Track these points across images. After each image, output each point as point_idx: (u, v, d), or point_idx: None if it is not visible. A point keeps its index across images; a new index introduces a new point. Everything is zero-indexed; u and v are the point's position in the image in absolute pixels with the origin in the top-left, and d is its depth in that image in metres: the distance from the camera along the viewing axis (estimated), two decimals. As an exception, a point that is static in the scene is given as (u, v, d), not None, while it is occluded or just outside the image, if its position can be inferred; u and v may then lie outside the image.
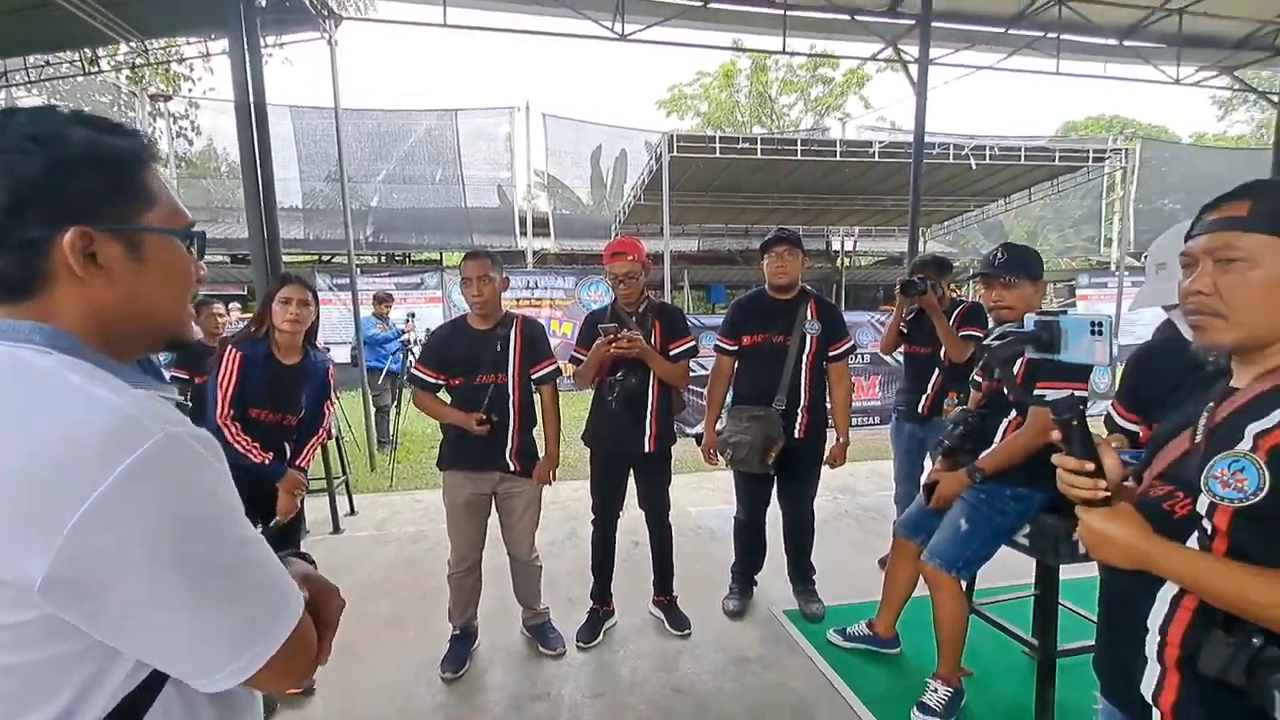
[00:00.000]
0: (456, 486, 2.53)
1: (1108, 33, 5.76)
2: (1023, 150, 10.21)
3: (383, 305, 6.71)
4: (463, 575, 2.57)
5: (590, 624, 2.80)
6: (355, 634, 2.82)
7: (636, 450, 2.70)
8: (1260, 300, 0.90)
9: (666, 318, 2.75)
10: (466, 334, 2.54)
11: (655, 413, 2.69)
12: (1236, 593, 0.85)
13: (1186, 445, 0.99)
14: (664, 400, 2.72)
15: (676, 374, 2.70)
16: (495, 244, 13.33)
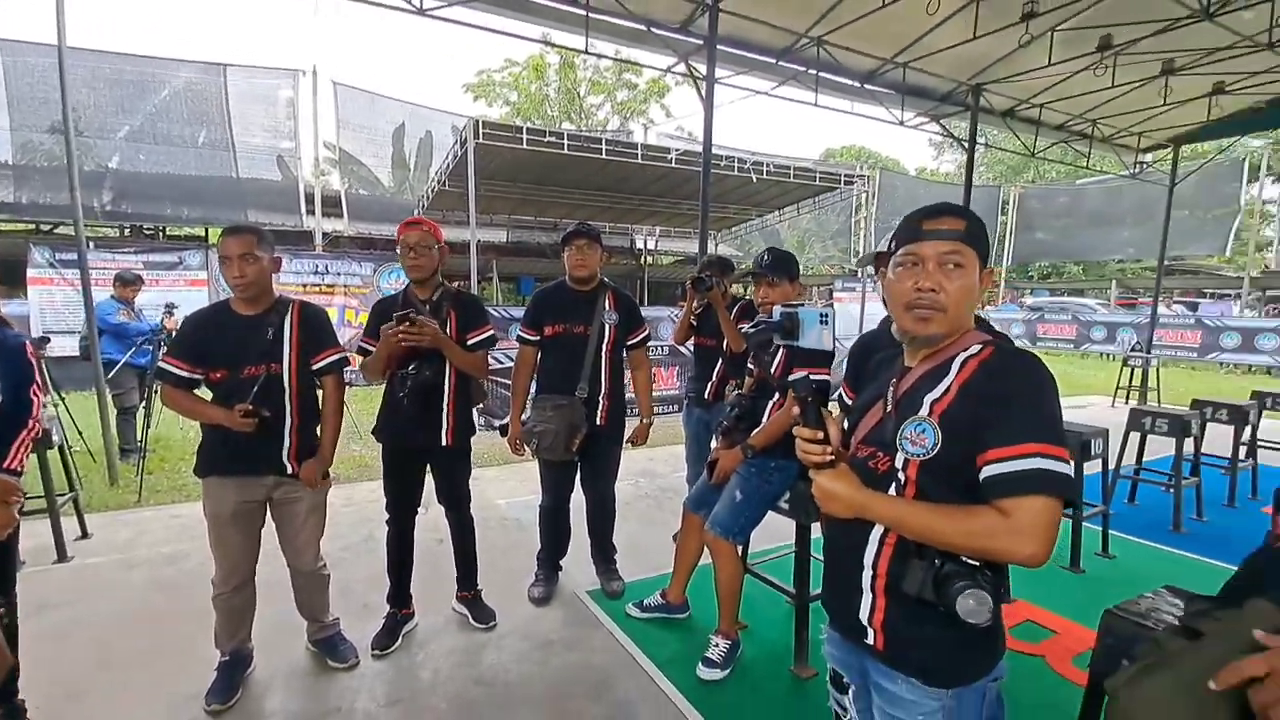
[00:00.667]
0: (219, 495, 2.23)
1: (853, 75, 6.83)
2: (792, 169, 11.66)
3: (128, 288, 5.44)
4: (230, 595, 2.28)
5: (387, 629, 2.67)
6: (94, 680, 2.37)
7: (432, 444, 2.61)
8: (965, 300, 1.15)
9: (463, 306, 2.66)
10: (230, 320, 2.23)
11: (452, 405, 2.62)
12: (925, 527, 1.09)
13: (880, 414, 1.26)
14: (462, 392, 2.66)
15: (474, 364, 2.63)
16: (277, 222, 11.80)
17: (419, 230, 2.54)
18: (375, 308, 2.67)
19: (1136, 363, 9.01)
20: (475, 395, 2.79)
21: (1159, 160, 9.83)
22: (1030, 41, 5.82)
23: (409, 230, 2.55)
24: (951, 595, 1.06)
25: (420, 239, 2.52)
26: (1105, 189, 18.94)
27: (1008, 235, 22.80)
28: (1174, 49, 6.28)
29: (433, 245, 2.55)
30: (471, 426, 2.75)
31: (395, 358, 2.51)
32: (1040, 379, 1.08)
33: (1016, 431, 1.04)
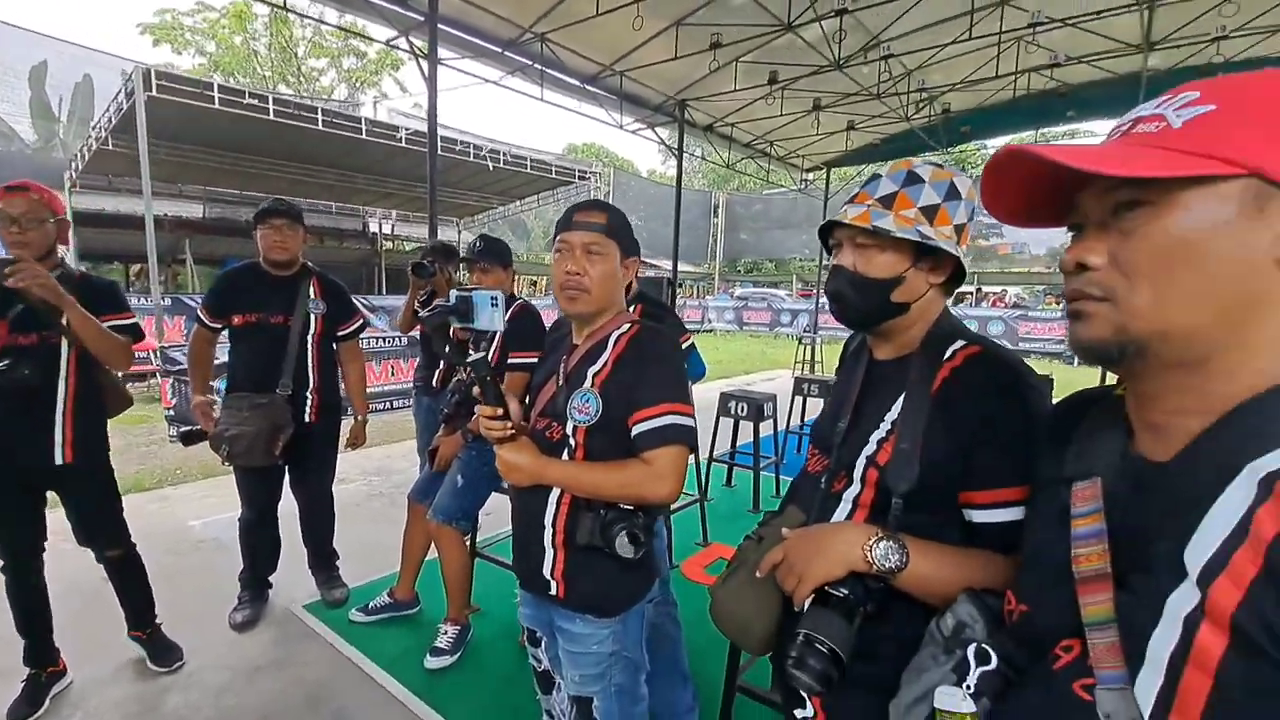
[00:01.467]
0: None
1: (578, 76, 7.24)
2: (529, 160, 11.89)
3: None
4: None
5: (27, 696, 2.15)
6: None
7: (41, 464, 2.08)
8: (607, 284, 1.36)
9: (91, 292, 2.11)
10: None
11: (70, 412, 2.10)
12: (592, 484, 1.29)
13: (554, 388, 1.43)
14: (85, 395, 2.14)
15: (115, 349, 2.12)
16: None
17: (24, 198, 1.98)
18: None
19: (807, 340, 11.18)
20: (113, 402, 2.30)
21: (817, 179, 12.25)
22: (719, 68, 6.80)
23: (9, 198, 1.97)
24: (612, 537, 1.27)
25: (27, 209, 1.97)
26: (786, 199, 22.97)
27: (719, 235, 26.33)
28: (820, 90, 7.89)
29: (46, 218, 2.02)
30: (104, 442, 2.25)
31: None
32: (670, 351, 1.36)
33: (655, 395, 1.29)
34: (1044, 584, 0.66)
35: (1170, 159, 0.52)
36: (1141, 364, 0.56)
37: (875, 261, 1.03)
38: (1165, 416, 0.59)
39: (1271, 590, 0.46)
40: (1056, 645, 0.62)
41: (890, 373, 1.09)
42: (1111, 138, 0.60)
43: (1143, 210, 0.54)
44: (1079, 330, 0.59)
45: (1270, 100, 0.52)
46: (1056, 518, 0.67)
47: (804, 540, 1.00)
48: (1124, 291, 0.56)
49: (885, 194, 1.04)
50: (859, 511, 1.04)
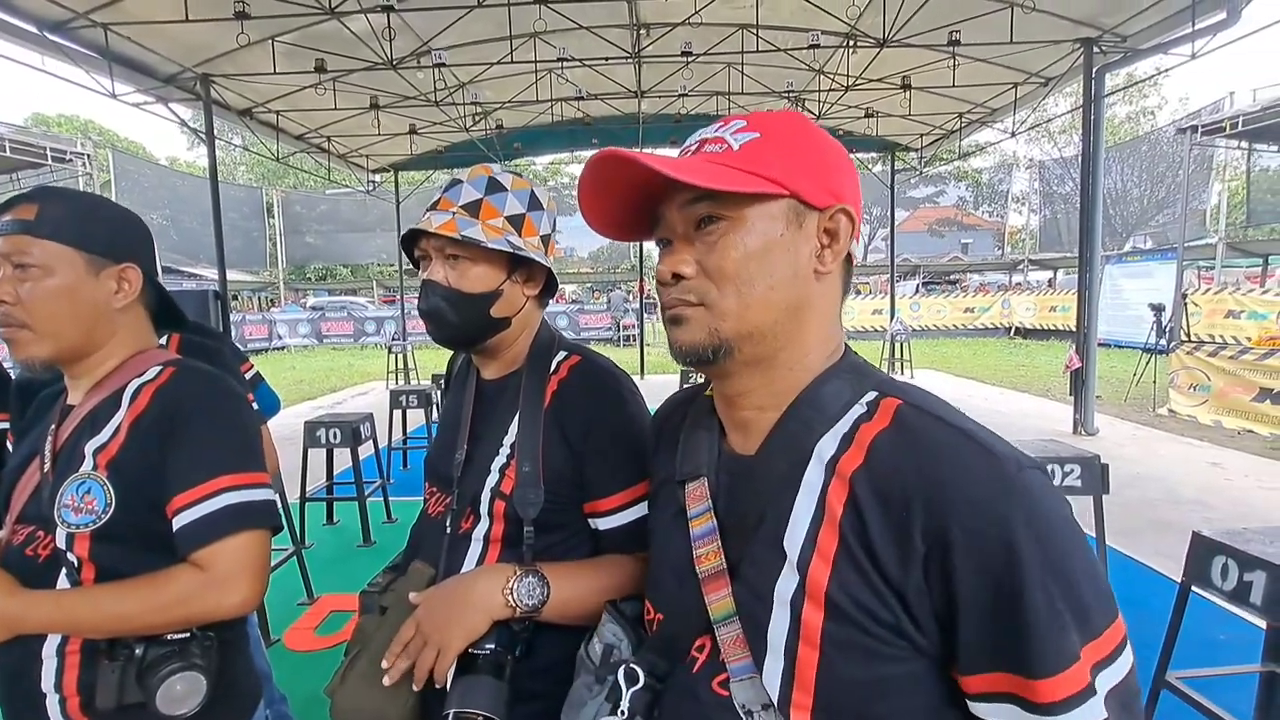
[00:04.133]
0: None
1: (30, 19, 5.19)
2: (-54, 128, 8.10)
3: None
4: None
5: None
6: None
7: None
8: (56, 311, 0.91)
9: None
10: None
11: None
12: (104, 616, 0.86)
13: (37, 477, 0.95)
14: None
15: None
16: None
17: None
18: None
19: (398, 349, 10.71)
20: None
21: (386, 180, 11.75)
22: (251, 44, 5.80)
23: None
24: (152, 688, 0.87)
25: None
26: (355, 200, 21.45)
27: (280, 239, 22.95)
28: (377, 89, 7.51)
29: None
30: None
31: None
32: (220, 396, 1.00)
33: (200, 467, 0.93)
34: (673, 587, 0.69)
35: (736, 176, 0.60)
36: (730, 363, 0.63)
37: (470, 275, 0.97)
38: (748, 413, 0.66)
39: (848, 560, 0.56)
40: (691, 647, 0.65)
41: (500, 392, 1.05)
42: (682, 156, 0.66)
43: (721, 224, 0.61)
44: (679, 334, 0.64)
45: (793, 136, 0.64)
46: (673, 519, 0.72)
47: (435, 604, 0.88)
48: (714, 297, 0.61)
49: (469, 201, 0.99)
50: (491, 548, 0.97)
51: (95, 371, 0.98)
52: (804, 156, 0.62)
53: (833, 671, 0.55)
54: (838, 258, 0.64)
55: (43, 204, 0.92)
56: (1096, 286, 6.79)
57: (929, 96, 8.18)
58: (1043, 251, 22.46)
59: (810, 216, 0.62)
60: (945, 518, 0.52)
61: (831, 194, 0.62)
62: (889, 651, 0.54)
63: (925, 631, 0.53)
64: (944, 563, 0.52)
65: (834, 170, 0.64)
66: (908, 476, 0.54)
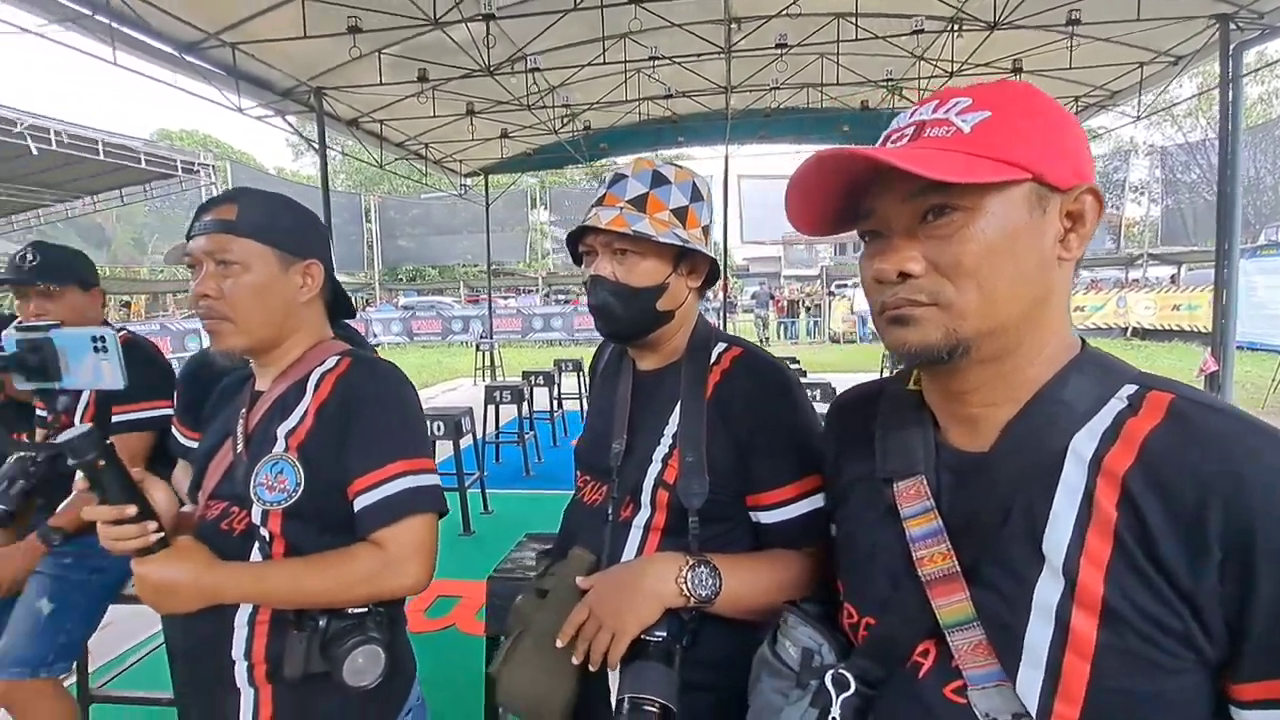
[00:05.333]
0: None
1: (170, 42, 5.71)
2: (101, 144, 9.05)
3: None
4: None
5: None
6: None
7: None
8: (255, 304, 0.97)
9: None
10: None
11: None
12: (297, 589, 0.90)
13: (230, 457, 1.01)
14: None
15: None
16: None
17: None
18: None
19: (485, 347, 11.08)
20: None
21: (476, 184, 12.19)
22: (361, 57, 6.13)
23: None
24: (339, 657, 0.91)
25: None
26: (445, 203, 22.44)
27: (375, 241, 24.31)
28: (473, 95, 7.79)
29: None
30: None
31: None
32: (395, 389, 1.03)
33: (379, 452, 0.97)
34: (886, 591, 0.65)
35: (976, 164, 0.54)
36: (964, 361, 0.59)
37: (638, 269, 0.97)
38: (978, 409, 0.62)
39: (1127, 565, 0.51)
40: (913, 652, 0.62)
41: (658, 383, 1.04)
42: (898, 143, 0.61)
43: (955, 216, 0.56)
44: (906, 335, 0.59)
45: (1028, 111, 0.57)
46: (882, 520, 0.67)
47: (607, 589, 0.89)
48: (951, 295, 0.57)
49: (635, 195, 0.98)
50: (652, 536, 0.97)
51: (282, 361, 1.04)
52: (1044, 134, 0.56)
53: (1106, 683, 0.51)
54: (1084, 242, 0.58)
55: (241, 204, 0.97)
56: (1235, 282, 6.11)
57: (1041, 80, 7.61)
58: (1164, 245, 20.55)
59: (1053, 199, 0.56)
60: (1248, 517, 0.47)
61: (1075, 173, 0.57)
62: (1173, 663, 0.50)
63: (1215, 640, 0.50)
64: (1245, 565, 0.47)
65: (1075, 146, 0.57)
66: (1200, 475, 0.49)
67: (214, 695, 0.96)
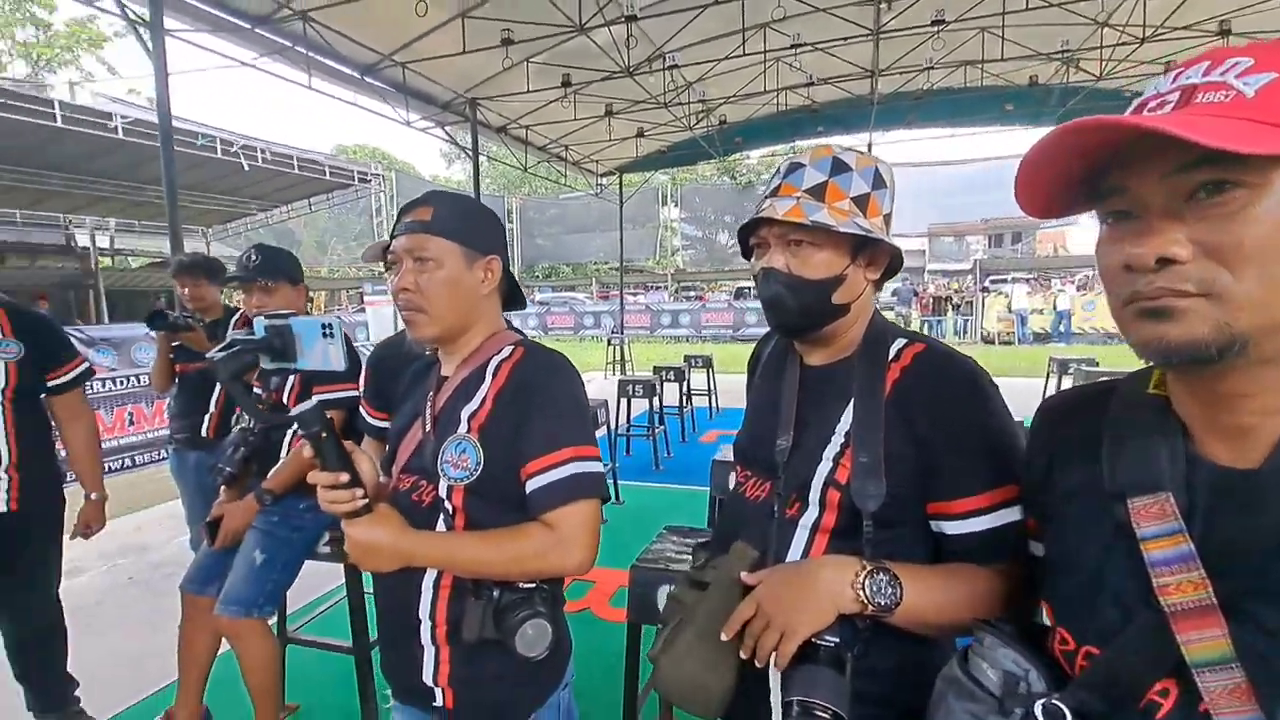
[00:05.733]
0: None
1: (352, 65, 6.44)
2: (295, 159, 10.41)
3: None
4: None
5: None
6: None
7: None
8: (446, 297, 1.05)
9: None
10: None
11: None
12: (475, 559, 0.98)
13: (420, 435, 1.11)
14: None
15: None
16: None
17: None
18: None
19: (615, 341, 11.39)
20: None
21: (611, 183, 12.54)
22: (512, 66, 6.53)
23: None
24: (511, 627, 0.98)
25: None
26: (580, 203, 23.34)
27: (514, 241, 25.92)
28: (612, 96, 8.01)
29: None
30: None
31: None
32: (566, 379, 1.09)
33: (551, 437, 1.02)
34: (1114, 620, 0.58)
35: (1263, 132, 0.45)
36: (1238, 360, 0.49)
37: (813, 261, 0.92)
38: (1249, 418, 0.53)
39: None
40: (1149, 690, 0.54)
41: (829, 379, 0.99)
42: (1158, 110, 0.52)
43: (1237, 194, 0.47)
44: (1166, 330, 0.51)
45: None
46: (1109, 540, 0.59)
47: (778, 587, 0.86)
48: (1226, 284, 0.48)
49: (813, 184, 0.93)
50: (819, 537, 0.93)
51: (464, 349, 1.12)
52: None
53: None
54: None
55: (435, 206, 1.06)
56: None
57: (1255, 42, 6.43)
58: None
59: None
60: None
61: None
62: None
63: None
64: None
65: None
66: None
67: (405, 649, 1.07)
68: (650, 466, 5.68)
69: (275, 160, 10.01)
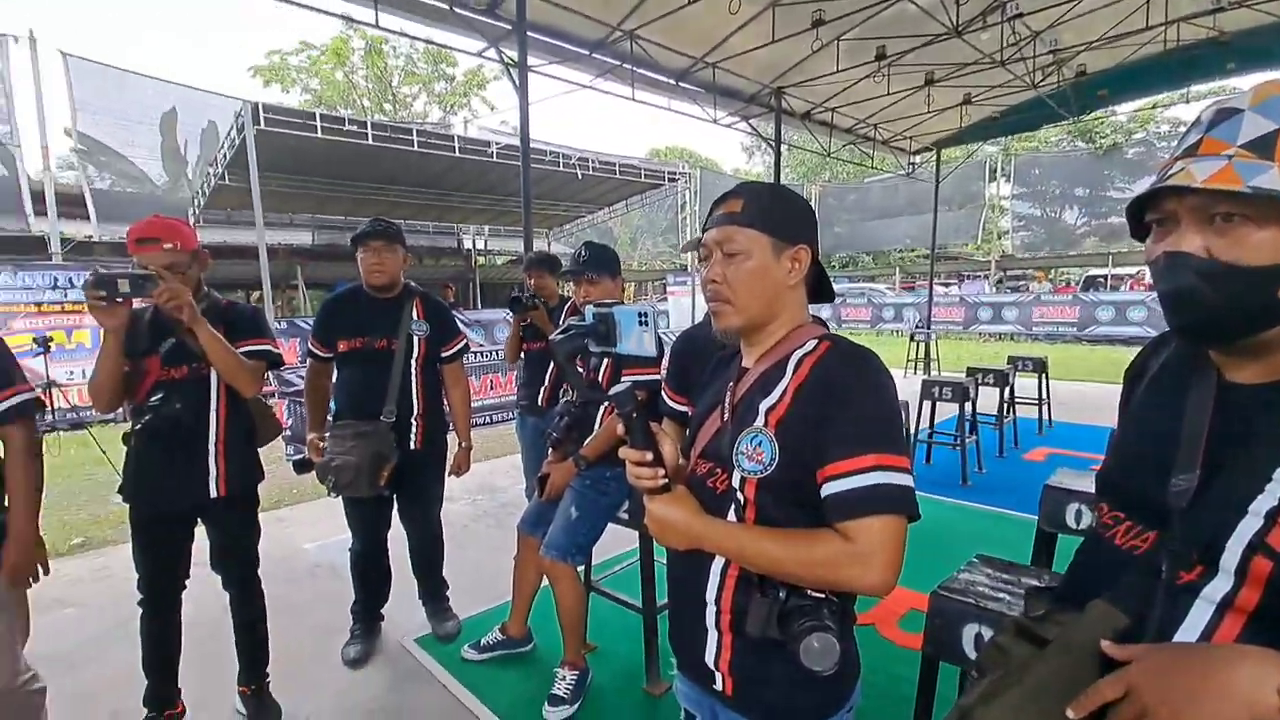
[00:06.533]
0: None
1: (668, 72, 6.96)
2: (617, 166, 11.76)
3: None
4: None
5: (143, 741, 2.09)
6: None
7: (196, 498, 2.04)
8: (754, 288, 1.04)
9: (233, 320, 2.08)
10: None
11: (223, 444, 2.06)
12: (764, 557, 0.95)
13: (719, 423, 1.11)
14: (235, 425, 2.09)
15: (242, 370, 2.01)
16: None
17: (159, 251, 1.90)
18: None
19: (920, 337, 10.32)
20: (265, 429, 2.26)
21: (925, 161, 11.33)
22: (821, 48, 6.31)
23: (145, 251, 1.89)
24: (796, 634, 0.93)
25: (168, 263, 1.91)
26: (885, 186, 21.67)
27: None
28: (933, 62, 7.19)
29: (186, 265, 1.96)
30: (256, 470, 2.20)
31: (121, 379, 1.93)
32: (875, 378, 0.99)
33: (855, 442, 0.94)
34: None
35: None
36: None
37: (1250, 241, 0.66)
38: None
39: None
40: None
41: (1265, 405, 0.70)
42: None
43: None
44: None
45: None
46: None
47: (1170, 673, 0.63)
48: None
49: (1259, 135, 0.66)
50: (1229, 618, 0.67)
51: (766, 341, 1.08)
52: None
53: None
54: None
55: (746, 198, 1.05)
56: None
57: None
58: None
59: None
60: None
61: None
62: None
63: None
64: None
65: None
66: None
67: (690, 626, 1.09)
68: (955, 480, 5.01)
69: (601, 168, 11.47)
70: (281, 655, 2.40)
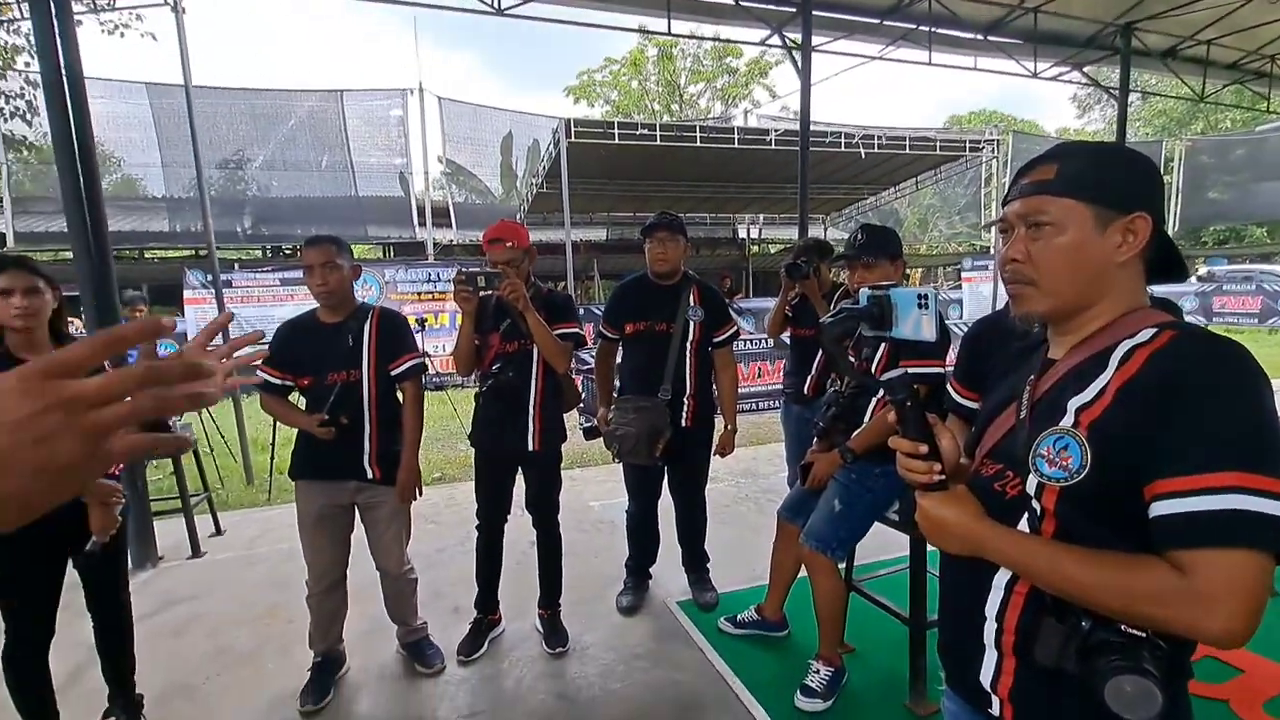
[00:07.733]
0: (308, 497, 2.31)
1: (973, 28, 6.11)
2: (907, 140, 10.77)
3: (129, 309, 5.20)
4: (322, 595, 2.34)
5: (473, 635, 2.64)
6: (201, 673, 2.52)
7: (519, 449, 2.53)
8: (1063, 268, 0.88)
9: (550, 305, 2.51)
10: (314, 328, 2.31)
11: (539, 408, 2.51)
12: (1063, 577, 0.81)
13: (1013, 422, 0.97)
14: (550, 394, 2.54)
15: (558, 351, 2.43)
16: (393, 235, 12.68)
17: (504, 249, 2.41)
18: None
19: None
20: (568, 398, 2.70)
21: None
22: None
23: (494, 250, 2.43)
24: (1101, 673, 0.77)
25: (509, 258, 2.41)
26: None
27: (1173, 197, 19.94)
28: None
29: (521, 261, 2.45)
30: (562, 432, 2.64)
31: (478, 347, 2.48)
32: (1240, 378, 0.76)
33: (1204, 454, 0.74)
34: None
35: None
36: None
37: None
38: None
39: None
40: None
41: None
42: None
43: None
44: None
45: None
46: None
47: None
48: None
49: None
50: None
51: (1083, 329, 0.91)
52: None
53: None
54: None
55: (1062, 162, 0.89)
56: None
57: None
58: None
59: None
60: None
61: None
62: None
63: None
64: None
65: None
66: None
67: (964, 641, 0.98)
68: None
69: (889, 144, 10.63)
70: (570, 592, 2.82)
